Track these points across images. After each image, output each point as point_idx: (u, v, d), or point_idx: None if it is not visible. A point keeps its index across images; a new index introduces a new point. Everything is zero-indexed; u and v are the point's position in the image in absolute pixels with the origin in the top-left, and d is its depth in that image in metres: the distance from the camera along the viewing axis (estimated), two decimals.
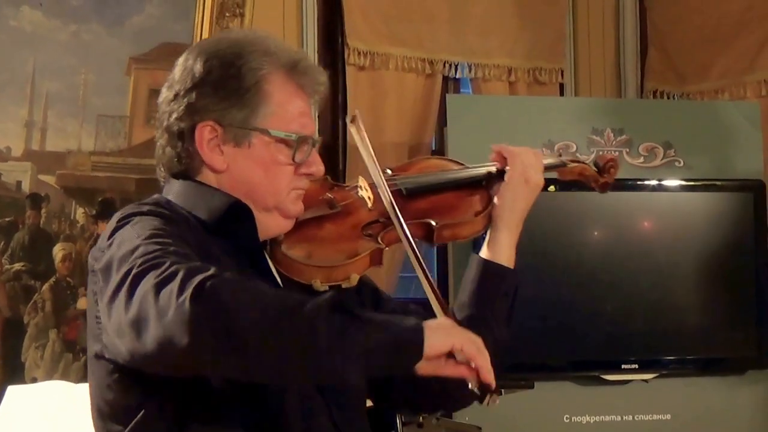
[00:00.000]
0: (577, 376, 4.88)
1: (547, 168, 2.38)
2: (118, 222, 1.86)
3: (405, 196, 2.26)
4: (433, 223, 2.22)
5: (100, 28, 4.56)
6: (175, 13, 4.71)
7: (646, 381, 4.88)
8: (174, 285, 1.63)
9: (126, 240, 1.79)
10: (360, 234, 2.15)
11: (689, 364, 4.95)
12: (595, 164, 2.48)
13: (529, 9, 5.72)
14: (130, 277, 1.70)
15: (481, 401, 1.82)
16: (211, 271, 1.65)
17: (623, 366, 4.83)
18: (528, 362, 4.75)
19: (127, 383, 1.86)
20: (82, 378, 3.54)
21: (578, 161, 2.48)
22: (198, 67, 1.98)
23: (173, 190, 2.01)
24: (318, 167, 2.07)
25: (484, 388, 1.80)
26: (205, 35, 4.63)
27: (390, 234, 2.16)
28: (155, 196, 2.03)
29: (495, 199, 2.26)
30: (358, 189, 2.22)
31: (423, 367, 1.71)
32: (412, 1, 5.42)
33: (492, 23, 5.64)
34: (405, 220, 2.11)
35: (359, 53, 5.22)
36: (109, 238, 1.84)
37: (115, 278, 1.74)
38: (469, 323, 2.07)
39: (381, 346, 1.67)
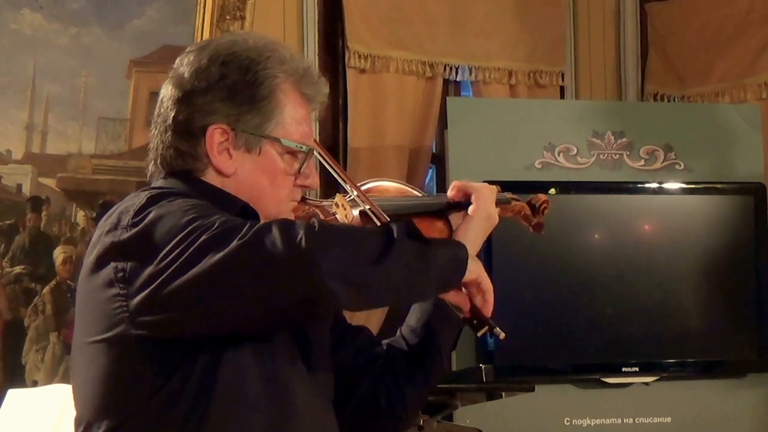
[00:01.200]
0: (578, 379, 4.88)
1: (496, 203, 2.37)
2: (147, 200, 1.84)
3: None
4: None
5: (101, 31, 4.57)
6: (176, 16, 4.72)
7: (646, 384, 4.88)
8: (276, 235, 1.71)
9: (170, 213, 1.80)
10: None
11: (690, 367, 4.95)
12: (530, 204, 2.47)
13: (529, 12, 5.72)
14: (202, 240, 1.73)
15: (477, 331, 2.07)
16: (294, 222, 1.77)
17: (624, 369, 4.84)
18: (528, 365, 4.76)
19: (152, 361, 1.82)
20: None
21: (519, 201, 2.47)
22: (213, 70, 1.96)
23: (178, 186, 2.00)
24: (314, 179, 2.06)
25: (482, 322, 2.05)
26: (206, 38, 4.62)
27: None
28: (160, 185, 2.01)
29: (456, 231, 2.24)
30: (333, 206, 2.20)
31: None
32: (412, 4, 5.43)
33: (492, 26, 5.64)
34: None
35: (360, 56, 5.22)
36: (136, 216, 1.81)
37: (173, 246, 1.74)
38: (420, 351, 2.18)
39: (446, 265, 1.91)
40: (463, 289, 2.03)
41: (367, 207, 2.12)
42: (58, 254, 4.44)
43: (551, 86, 5.78)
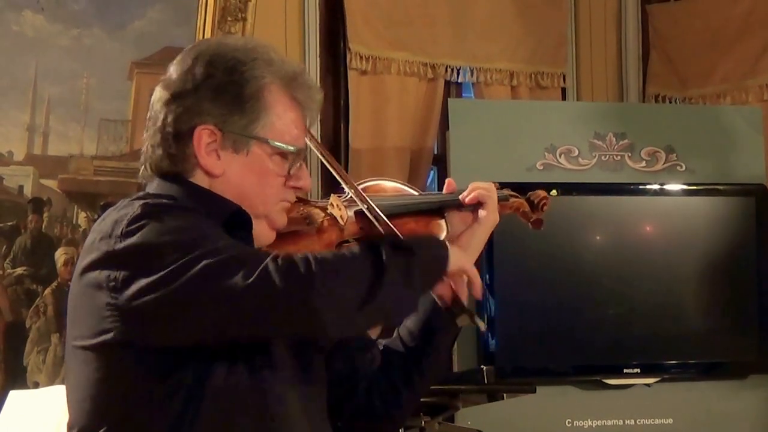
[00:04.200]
0: (579, 380, 4.88)
1: None
2: (142, 210, 1.83)
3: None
4: None
5: (102, 33, 4.57)
6: (177, 18, 4.72)
7: (648, 385, 4.87)
8: (277, 277, 1.74)
9: (165, 227, 1.80)
10: None
11: (691, 369, 4.94)
12: (529, 201, 2.46)
13: (531, 13, 5.72)
14: (204, 264, 1.74)
15: (457, 319, 2.11)
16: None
17: (625, 370, 4.83)
18: (530, 366, 4.75)
19: (142, 368, 1.83)
20: None
21: (517, 197, 2.46)
22: (199, 70, 1.96)
23: (171, 191, 1.99)
24: (306, 181, 2.06)
25: (462, 311, 2.08)
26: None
27: None
28: (152, 190, 2.01)
29: (461, 237, 2.25)
30: (329, 206, 2.20)
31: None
32: (414, 6, 5.43)
33: (494, 27, 5.64)
34: None
35: (361, 57, 5.23)
36: (130, 225, 1.80)
37: (179, 263, 1.75)
38: (418, 353, 2.21)
39: (429, 268, 1.95)
40: (445, 278, 2.05)
41: (365, 207, 2.12)
42: (60, 256, 4.44)
43: (553, 88, 5.79)
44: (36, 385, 4.20)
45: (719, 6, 5.82)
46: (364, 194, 2.14)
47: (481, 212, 2.24)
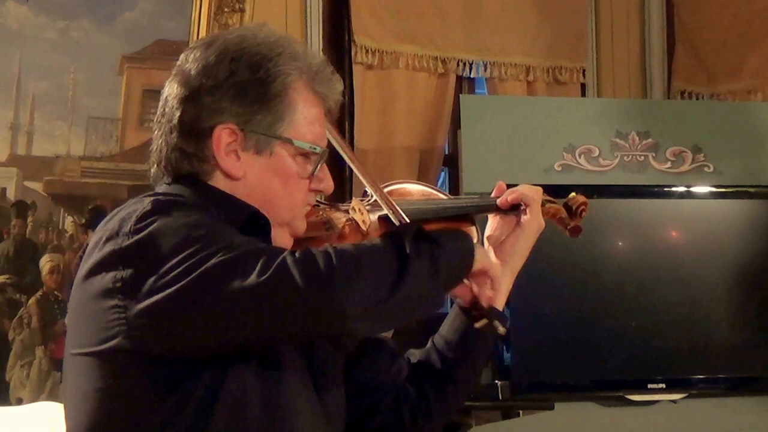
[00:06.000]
0: (600, 396, 4.85)
1: None
2: (153, 207, 1.84)
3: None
4: None
5: (91, 25, 4.56)
6: (170, 9, 4.71)
7: (673, 401, 4.85)
8: (296, 274, 1.73)
9: (178, 223, 1.81)
10: None
11: (720, 384, 4.91)
12: (567, 206, 2.46)
13: (548, 4, 5.70)
14: (217, 261, 1.74)
15: (475, 323, 2.16)
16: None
17: (649, 385, 4.80)
18: (547, 381, 4.73)
19: (150, 377, 1.82)
20: None
21: (554, 202, 2.46)
22: (222, 67, 1.97)
23: (184, 193, 1.98)
24: (328, 183, 2.08)
25: (481, 313, 2.13)
26: (203, 32, 4.62)
27: None
28: (164, 190, 2.00)
29: (504, 243, 2.26)
30: (350, 211, 2.19)
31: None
32: None
33: (509, 19, 5.62)
34: None
35: (367, 51, 5.21)
36: (139, 222, 1.81)
37: (192, 259, 1.75)
38: (454, 364, 2.25)
39: (454, 263, 1.96)
40: (466, 280, 2.08)
41: (390, 211, 2.11)
42: (45, 263, 4.43)
43: (572, 83, 5.76)
44: (19, 402, 4.19)
45: None
46: (389, 197, 2.14)
47: (524, 217, 2.25)
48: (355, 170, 2.20)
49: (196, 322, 1.77)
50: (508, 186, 2.37)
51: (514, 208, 2.29)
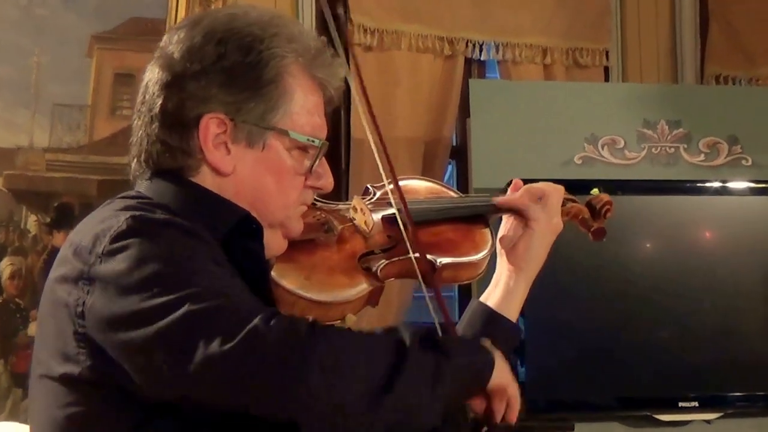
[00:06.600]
0: (626, 416, 4.86)
1: None
2: (128, 227, 1.81)
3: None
4: (438, 260, 2.21)
5: (57, 2, 4.57)
6: None
7: (707, 422, 4.85)
8: (275, 348, 1.68)
9: (154, 252, 1.78)
10: (357, 266, 2.14)
11: (759, 402, 4.91)
12: (590, 206, 2.45)
13: None
14: (192, 310, 1.71)
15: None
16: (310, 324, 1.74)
17: (680, 404, 4.80)
18: (567, 399, 4.73)
19: (116, 412, 1.81)
20: None
21: (576, 201, 2.46)
22: (209, 49, 1.96)
23: (167, 193, 1.97)
24: (328, 180, 2.06)
25: (493, 428, 2.00)
26: (182, 9, 4.62)
27: (390, 268, 2.16)
28: (144, 189, 1.99)
29: (517, 247, 2.26)
30: (351, 211, 2.18)
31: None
32: None
33: None
34: (401, 255, 2.14)
35: (365, 31, 5.21)
36: (113, 242, 1.79)
37: (158, 300, 1.72)
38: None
39: (464, 381, 1.88)
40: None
41: (395, 211, 2.10)
42: (5, 267, 4.44)
43: (594, 66, 5.77)
44: None
45: None
46: (403, 195, 2.13)
47: (538, 220, 2.25)
48: (379, 160, 2.18)
49: (152, 373, 1.74)
50: (525, 182, 2.37)
51: None
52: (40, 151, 4.54)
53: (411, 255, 2.10)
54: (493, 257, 2.32)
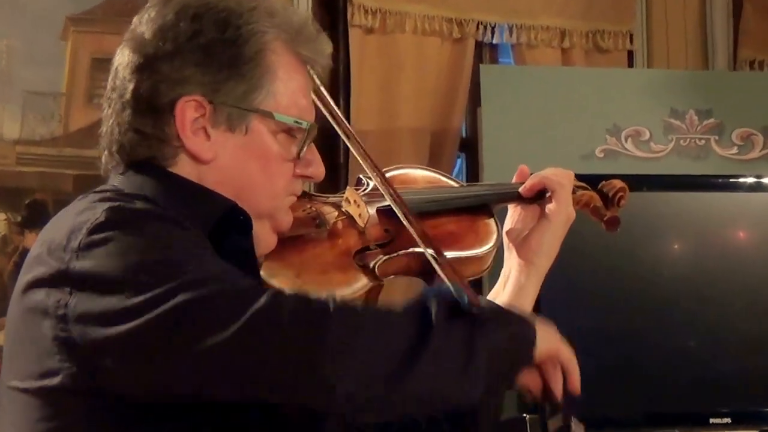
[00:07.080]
0: None
1: None
2: (106, 218, 1.81)
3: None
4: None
5: None
6: None
7: None
8: (287, 330, 1.70)
9: (137, 243, 1.78)
10: (352, 263, 2.15)
11: None
12: (601, 193, 2.45)
13: None
14: (185, 299, 1.71)
15: (549, 419, 2.06)
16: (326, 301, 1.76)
17: (712, 420, 4.79)
18: (586, 415, 4.70)
19: (100, 425, 1.82)
20: None
21: (587, 189, 2.45)
22: (183, 26, 1.96)
23: (145, 186, 1.96)
24: (318, 168, 2.07)
25: (555, 408, 2.04)
26: None
27: (389, 264, 2.17)
28: (119, 184, 1.99)
29: (529, 239, 2.28)
30: (344, 203, 2.18)
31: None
32: None
33: None
34: (400, 250, 2.15)
35: (366, 11, 5.21)
36: (90, 235, 1.79)
37: (148, 293, 1.72)
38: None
39: (503, 354, 1.87)
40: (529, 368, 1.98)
41: (389, 203, 2.10)
42: None
43: (616, 51, 5.78)
44: None
45: None
46: (391, 184, 2.13)
47: (550, 206, 2.25)
48: (351, 148, 2.18)
49: (146, 372, 1.75)
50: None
51: (539, 196, 2.28)
52: (11, 144, 4.55)
53: (414, 249, 2.10)
54: (499, 251, 2.32)
